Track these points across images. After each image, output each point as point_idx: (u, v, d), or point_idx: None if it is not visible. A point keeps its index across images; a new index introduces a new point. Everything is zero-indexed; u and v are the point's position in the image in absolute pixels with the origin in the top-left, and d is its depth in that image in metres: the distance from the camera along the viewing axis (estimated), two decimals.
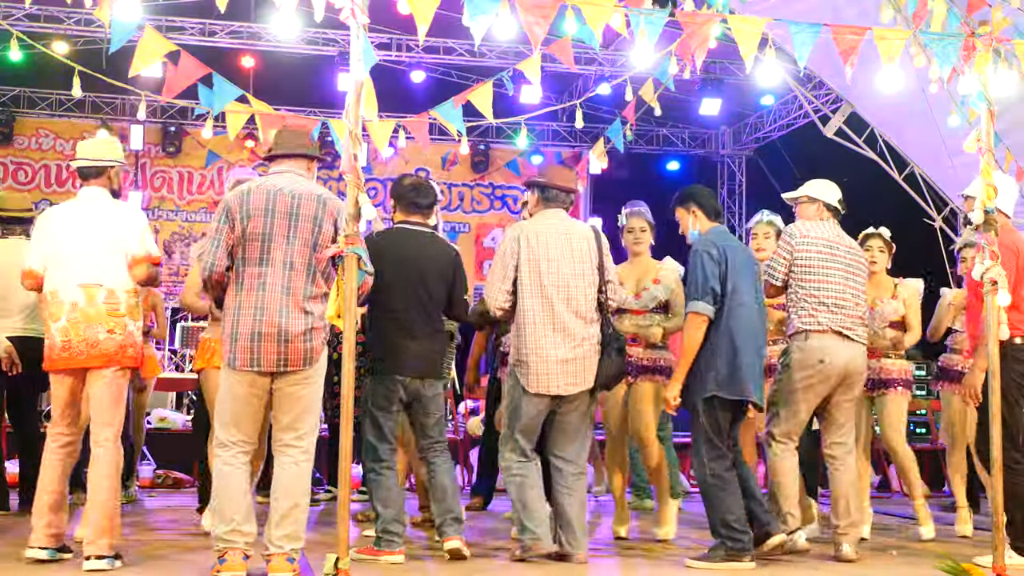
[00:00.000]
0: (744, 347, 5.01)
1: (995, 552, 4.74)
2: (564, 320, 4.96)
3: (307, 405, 4.44)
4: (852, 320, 5.26)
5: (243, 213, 4.39)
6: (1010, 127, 6.97)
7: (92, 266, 4.68)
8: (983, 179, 4.96)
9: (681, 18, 5.02)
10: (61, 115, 13.95)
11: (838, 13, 7.24)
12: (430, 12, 4.52)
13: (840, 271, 5.29)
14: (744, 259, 5.17)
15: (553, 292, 4.96)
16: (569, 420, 5.04)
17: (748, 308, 5.07)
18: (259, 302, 4.35)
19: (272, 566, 4.29)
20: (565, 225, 5.12)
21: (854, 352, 5.25)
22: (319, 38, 12.35)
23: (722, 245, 5.12)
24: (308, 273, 4.42)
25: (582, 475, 5.09)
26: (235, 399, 4.39)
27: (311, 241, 4.42)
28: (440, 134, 9.05)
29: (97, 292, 4.66)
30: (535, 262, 4.98)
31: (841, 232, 5.45)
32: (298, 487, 4.40)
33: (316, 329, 4.41)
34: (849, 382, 5.27)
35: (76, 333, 4.63)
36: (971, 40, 4.89)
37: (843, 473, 5.30)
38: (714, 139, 15.65)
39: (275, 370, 4.35)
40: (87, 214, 4.79)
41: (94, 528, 4.58)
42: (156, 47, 5.17)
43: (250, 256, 4.39)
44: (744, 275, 5.10)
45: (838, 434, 5.34)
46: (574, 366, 4.95)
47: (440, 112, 6.10)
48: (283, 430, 4.43)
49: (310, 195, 4.47)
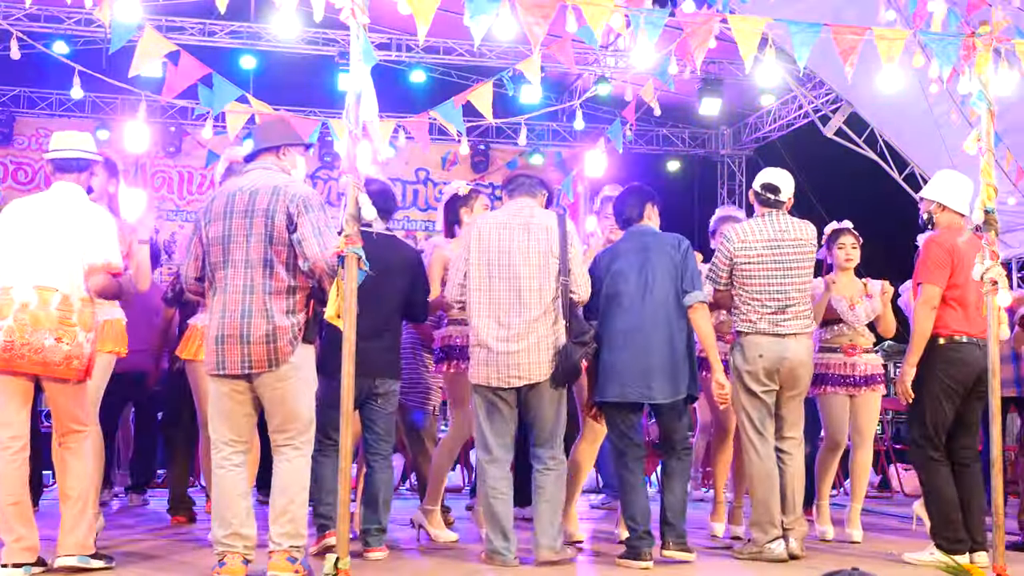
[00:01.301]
0: (611, 348, 5.06)
1: (995, 552, 4.74)
2: (509, 312, 4.92)
3: (292, 405, 4.36)
4: (796, 316, 5.29)
5: (206, 219, 4.43)
6: (1010, 127, 6.96)
7: (50, 268, 4.44)
8: (983, 179, 4.96)
9: (681, 18, 5.02)
10: (61, 115, 13.94)
11: (838, 13, 7.24)
12: (430, 12, 4.52)
13: (784, 269, 5.30)
14: (629, 261, 5.15)
15: (500, 284, 4.95)
16: (535, 415, 4.98)
17: (626, 308, 5.08)
18: (222, 304, 4.35)
19: (272, 564, 4.28)
20: (526, 215, 5.06)
21: (798, 348, 5.28)
22: (319, 38, 12.34)
23: (608, 251, 5.26)
24: (265, 268, 4.32)
25: (550, 471, 4.99)
26: (219, 398, 4.41)
27: (265, 235, 4.32)
28: (440, 134, 9.04)
29: (51, 296, 4.40)
30: (484, 253, 4.99)
31: (788, 224, 5.38)
32: (294, 484, 4.36)
33: (280, 329, 4.29)
34: (794, 376, 5.30)
35: (21, 336, 4.34)
36: (971, 40, 4.89)
37: (791, 468, 5.34)
38: (714, 139, 15.63)
39: (240, 372, 4.31)
40: (54, 212, 4.57)
41: (64, 529, 4.47)
42: (156, 47, 5.17)
43: (215, 260, 4.40)
44: (624, 276, 5.11)
45: (787, 430, 5.38)
46: (517, 359, 4.88)
47: (440, 112, 6.10)
48: (275, 431, 4.43)
49: (266, 188, 4.39)
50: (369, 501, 5.04)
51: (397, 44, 12.77)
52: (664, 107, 6.94)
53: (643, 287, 5.09)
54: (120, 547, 5.21)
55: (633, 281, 5.11)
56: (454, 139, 6.69)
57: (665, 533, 5.10)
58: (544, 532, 4.91)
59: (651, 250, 5.19)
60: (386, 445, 5.13)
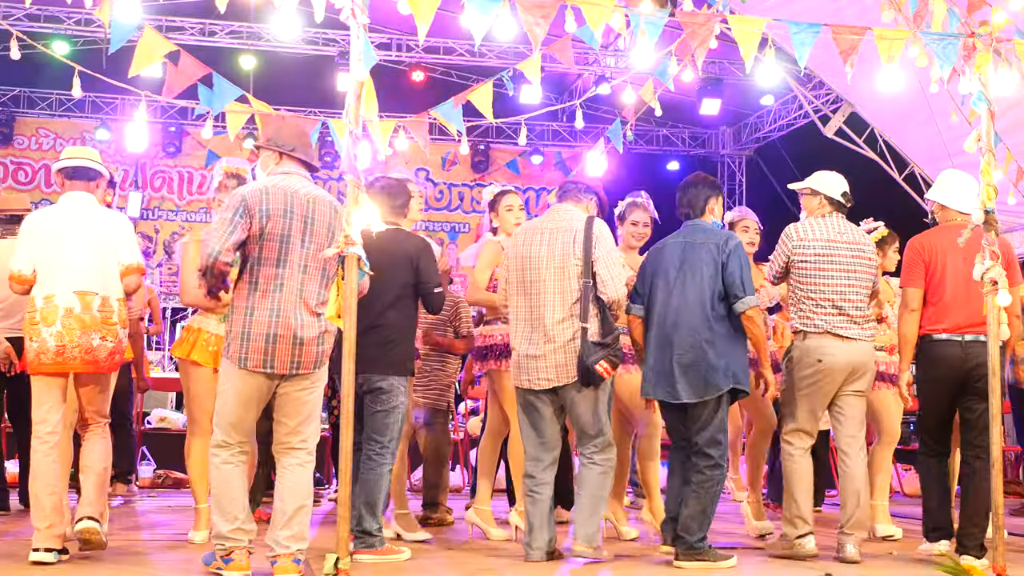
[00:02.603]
0: (653, 347, 5.08)
1: (995, 552, 4.73)
2: (537, 315, 4.98)
3: (312, 409, 4.46)
4: (851, 319, 5.25)
5: (262, 212, 4.33)
6: (1010, 127, 6.97)
7: (88, 274, 4.75)
8: (983, 179, 4.95)
9: (681, 18, 5.02)
10: (61, 115, 13.95)
11: (838, 13, 7.24)
12: (430, 12, 4.52)
13: (838, 271, 5.27)
14: (671, 258, 5.11)
15: (529, 288, 5.01)
16: (574, 418, 5.04)
17: (661, 305, 5.07)
18: (275, 303, 4.32)
19: (278, 567, 4.28)
20: (558, 220, 5.10)
21: (853, 349, 5.24)
22: (319, 38, 12.36)
23: (658, 247, 5.22)
24: (322, 278, 4.43)
25: (594, 467, 5.00)
26: (240, 399, 4.35)
27: (324, 245, 4.41)
28: (440, 134, 9.05)
29: (93, 300, 4.74)
30: (517, 259, 5.08)
31: (846, 227, 5.38)
32: (304, 488, 4.40)
33: (327, 333, 4.44)
34: (854, 378, 5.26)
35: (71, 338, 4.69)
36: (971, 40, 4.89)
37: (852, 470, 5.26)
38: (714, 139, 15.65)
39: (287, 372, 4.34)
40: (80, 220, 4.82)
41: (87, 502, 4.76)
42: (156, 47, 5.17)
43: (267, 256, 4.34)
44: (664, 274, 5.09)
45: (847, 430, 5.31)
46: (544, 361, 4.95)
47: (440, 112, 6.10)
48: (288, 434, 4.43)
49: (324, 200, 4.48)
50: (353, 502, 4.90)
51: (397, 44, 12.78)
52: (664, 107, 6.94)
53: (676, 286, 5.05)
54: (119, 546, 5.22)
55: (671, 279, 5.07)
56: (454, 139, 6.69)
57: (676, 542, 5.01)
58: (582, 524, 4.95)
59: (696, 248, 5.11)
60: (375, 445, 5.06)
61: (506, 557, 5.16)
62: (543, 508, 5.01)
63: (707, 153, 15.72)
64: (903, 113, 9.43)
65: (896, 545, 5.89)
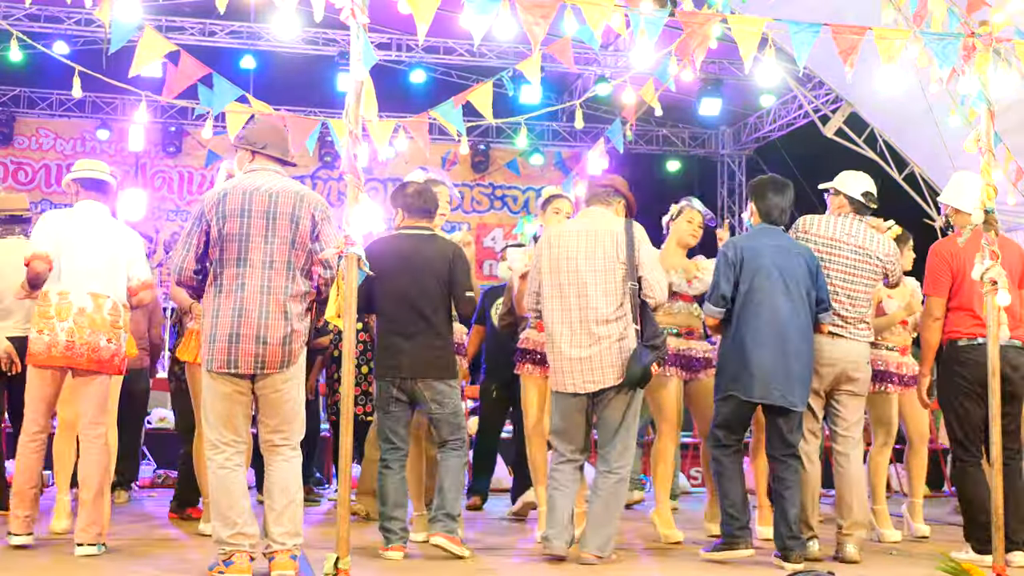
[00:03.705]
0: (757, 348, 4.96)
1: (995, 552, 4.73)
2: (580, 318, 4.97)
3: (292, 407, 4.44)
4: (844, 319, 5.24)
5: (218, 214, 4.36)
6: (1010, 127, 6.96)
7: (102, 277, 4.97)
8: (983, 179, 4.95)
9: (681, 18, 5.02)
10: (61, 115, 13.95)
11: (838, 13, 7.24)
12: (430, 12, 4.52)
13: (837, 270, 5.26)
14: (775, 260, 5.05)
15: (571, 291, 4.99)
16: (603, 420, 5.02)
17: (768, 308, 4.99)
18: (238, 303, 4.32)
19: (276, 563, 4.29)
20: (594, 223, 5.11)
21: (848, 349, 5.23)
22: (319, 38, 12.35)
23: (744, 245, 5.11)
24: (288, 271, 4.40)
25: (612, 475, 4.98)
26: (221, 399, 4.37)
27: (289, 239, 4.39)
28: (440, 134, 9.03)
29: (104, 302, 4.96)
30: (555, 261, 5.05)
31: (857, 230, 5.34)
32: (293, 483, 4.41)
33: (296, 332, 4.39)
34: (848, 378, 5.24)
35: (81, 336, 4.89)
36: (971, 40, 4.89)
37: (848, 470, 5.25)
38: (714, 139, 15.64)
39: (252, 372, 4.33)
40: (95, 227, 5.06)
41: (86, 519, 4.84)
42: (156, 47, 5.16)
43: (228, 257, 4.36)
44: (767, 274, 5.02)
45: (842, 430, 5.31)
46: (590, 364, 4.93)
47: (440, 112, 6.09)
48: (271, 432, 4.44)
49: (287, 192, 4.44)
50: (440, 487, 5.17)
51: (397, 44, 12.78)
52: (664, 107, 6.93)
53: (787, 289, 5.02)
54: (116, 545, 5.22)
55: (778, 280, 5.02)
56: (454, 139, 6.68)
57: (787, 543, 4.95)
58: (596, 532, 4.92)
59: (791, 253, 5.11)
60: (456, 442, 5.18)
61: (506, 557, 5.16)
62: (571, 504, 5.04)
63: (707, 153, 15.72)
64: (903, 113, 9.41)
65: (896, 545, 5.89)
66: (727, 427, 5.10)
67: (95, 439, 4.97)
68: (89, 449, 4.96)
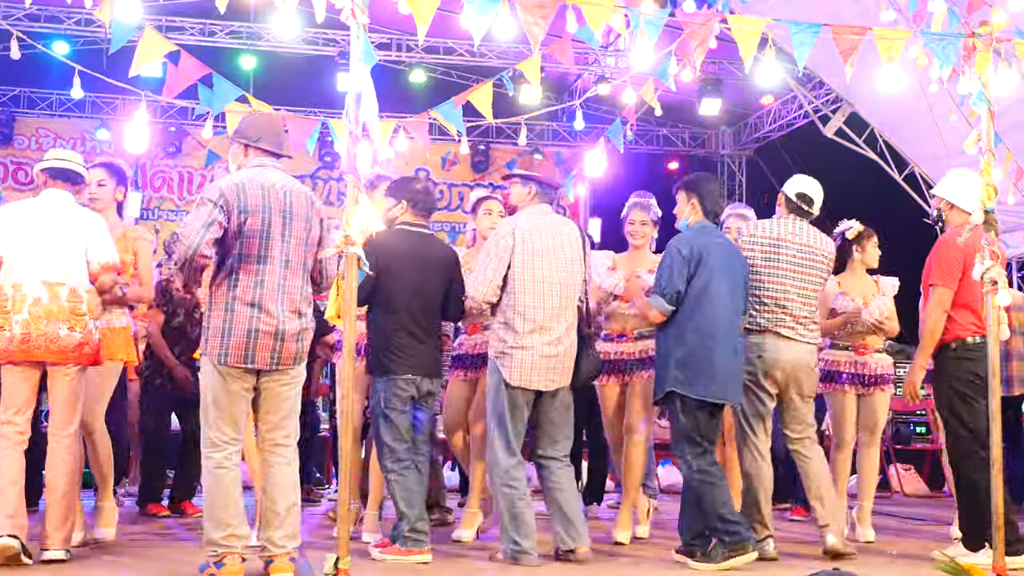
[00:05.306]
0: (711, 346, 4.98)
1: (995, 552, 4.73)
2: (549, 316, 5.00)
3: (294, 404, 4.49)
4: (795, 319, 5.27)
5: (240, 208, 4.32)
6: (1010, 127, 6.96)
7: (56, 264, 4.75)
8: (983, 179, 4.95)
9: (681, 18, 5.02)
10: (61, 115, 13.94)
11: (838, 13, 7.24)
12: (430, 12, 4.52)
13: (785, 270, 5.30)
14: (723, 259, 5.10)
15: (544, 288, 5.01)
16: (553, 416, 5.07)
17: (721, 307, 5.03)
18: (256, 299, 4.31)
19: (275, 567, 4.29)
20: (554, 222, 5.17)
21: (797, 351, 5.28)
22: (319, 38, 12.34)
23: (697, 243, 5.10)
24: (303, 272, 4.46)
25: (569, 467, 5.12)
26: (228, 395, 4.33)
27: (304, 240, 4.44)
28: (440, 134, 9.03)
29: (60, 290, 4.74)
30: (528, 258, 5.02)
31: (800, 229, 5.39)
32: (292, 486, 4.42)
33: (307, 329, 4.47)
34: (797, 379, 5.29)
35: (36, 327, 4.68)
36: (971, 40, 4.89)
37: (812, 466, 5.32)
38: (714, 139, 15.63)
39: (266, 368, 4.34)
40: (50, 213, 4.84)
41: (52, 523, 4.66)
42: (156, 47, 5.17)
43: (247, 253, 4.33)
44: (720, 274, 5.05)
45: (798, 430, 5.37)
46: (555, 362, 5.00)
47: (440, 112, 6.10)
48: (272, 429, 4.43)
49: (300, 193, 4.50)
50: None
51: (397, 44, 12.77)
52: (664, 107, 6.94)
53: (729, 289, 5.07)
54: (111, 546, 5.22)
55: (725, 279, 5.07)
56: (454, 139, 6.69)
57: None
58: (582, 523, 5.00)
59: (734, 253, 5.22)
60: (424, 446, 5.20)
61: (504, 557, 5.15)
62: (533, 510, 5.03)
63: (707, 153, 15.70)
64: (903, 113, 9.42)
65: (895, 546, 5.89)
66: (702, 433, 5.01)
67: (63, 439, 4.76)
68: (55, 450, 4.75)
